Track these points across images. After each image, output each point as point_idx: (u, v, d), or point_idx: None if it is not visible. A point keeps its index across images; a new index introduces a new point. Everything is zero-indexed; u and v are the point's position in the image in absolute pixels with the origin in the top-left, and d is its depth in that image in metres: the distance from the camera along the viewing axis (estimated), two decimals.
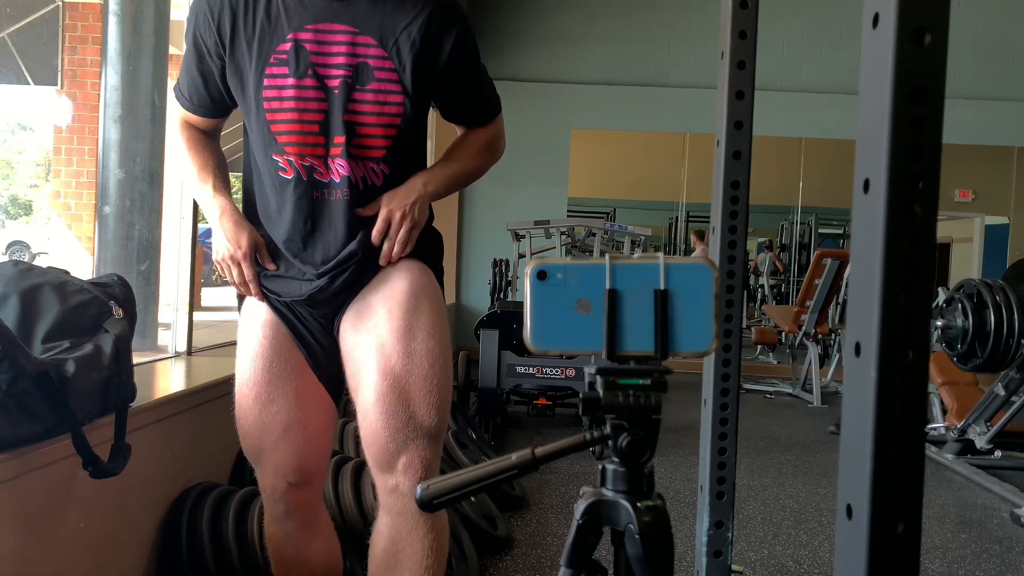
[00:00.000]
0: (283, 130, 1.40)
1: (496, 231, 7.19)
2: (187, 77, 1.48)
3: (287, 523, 1.52)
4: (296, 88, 1.38)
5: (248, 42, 1.39)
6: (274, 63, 1.38)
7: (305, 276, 1.44)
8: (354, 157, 1.41)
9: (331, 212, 1.42)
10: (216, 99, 1.49)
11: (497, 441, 4.12)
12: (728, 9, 1.27)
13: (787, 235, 9.28)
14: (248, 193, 1.50)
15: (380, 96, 1.40)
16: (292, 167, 1.41)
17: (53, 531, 1.45)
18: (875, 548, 0.53)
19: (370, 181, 1.43)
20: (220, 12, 1.40)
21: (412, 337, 1.41)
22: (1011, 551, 2.93)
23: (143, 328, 2.34)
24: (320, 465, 1.53)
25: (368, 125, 1.41)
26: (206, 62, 1.44)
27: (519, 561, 2.56)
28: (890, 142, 0.52)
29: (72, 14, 6.41)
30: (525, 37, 7.83)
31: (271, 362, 1.45)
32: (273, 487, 1.48)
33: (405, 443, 1.39)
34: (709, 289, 0.74)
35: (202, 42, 1.42)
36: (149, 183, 2.41)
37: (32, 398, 1.27)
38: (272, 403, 1.45)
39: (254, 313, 1.49)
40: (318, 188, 1.42)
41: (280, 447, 1.46)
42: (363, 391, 1.42)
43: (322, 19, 1.39)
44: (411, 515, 1.41)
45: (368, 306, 1.44)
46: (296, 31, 1.38)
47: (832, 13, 7.51)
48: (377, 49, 1.39)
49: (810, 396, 6.01)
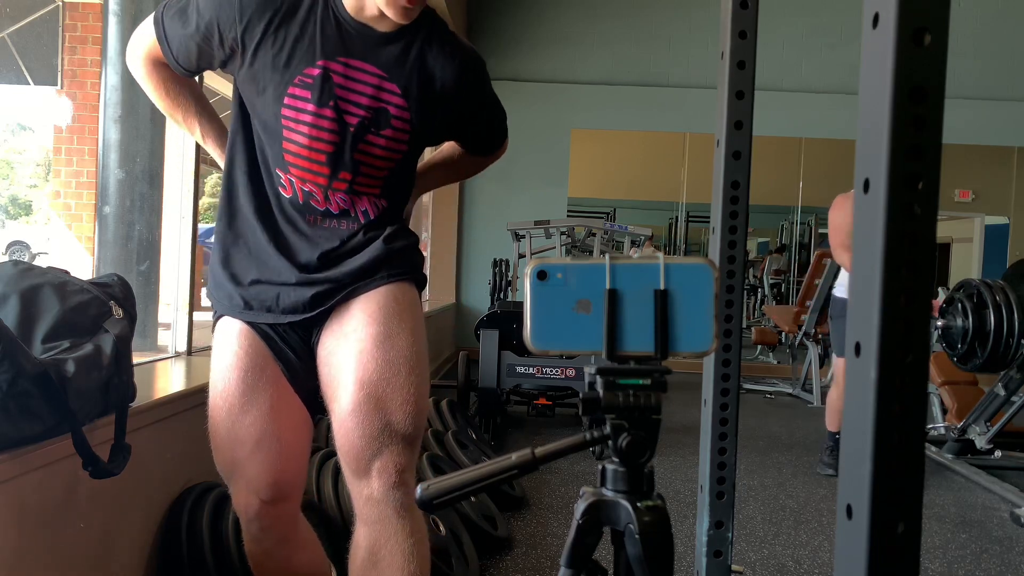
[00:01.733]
0: (292, 151, 1.39)
1: (496, 231, 7.19)
2: (182, 40, 1.41)
3: (265, 541, 1.48)
4: (314, 116, 1.37)
5: (275, 55, 1.36)
6: (298, 84, 1.37)
7: (281, 278, 1.42)
8: (358, 193, 1.43)
9: (322, 234, 1.43)
10: (202, 67, 1.47)
11: (497, 441, 4.12)
12: (728, 9, 1.27)
13: (787, 235, 9.28)
14: (230, 184, 1.47)
15: (391, 144, 1.42)
16: (292, 188, 1.42)
17: (53, 531, 1.45)
18: (875, 548, 0.53)
19: (370, 215, 1.45)
20: (251, 17, 1.36)
21: (391, 345, 1.40)
22: (1011, 551, 2.93)
23: (143, 328, 2.34)
24: (296, 482, 1.49)
25: (374, 167, 1.43)
26: (212, 44, 1.39)
27: (519, 561, 2.56)
28: (890, 142, 0.52)
29: (72, 14, 6.41)
30: (525, 37, 7.83)
31: (246, 372, 1.42)
32: (247, 505, 1.44)
33: (380, 449, 1.37)
34: (709, 289, 0.74)
35: (217, 30, 1.37)
36: (149, 183, 2.41)
37: (32, 398, 1.27)
38: (246, 414, 1.41)
39: (230, 325, 1.46)
40: (312, 213, 1.42)
41: (253, 460, 1.41)
42: (340, 398, 1.40)
43: (356, 55, 1.38)
44: (388, 522, 1.38)
45: (347, 312, 1.43)
46: (327, 60, 1.36)
47: (832, 13, 7.51)
48: (400, 99, 1.40)
49: (810, 396, 6.01)
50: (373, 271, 1.43)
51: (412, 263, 1.51)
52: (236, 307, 1.44)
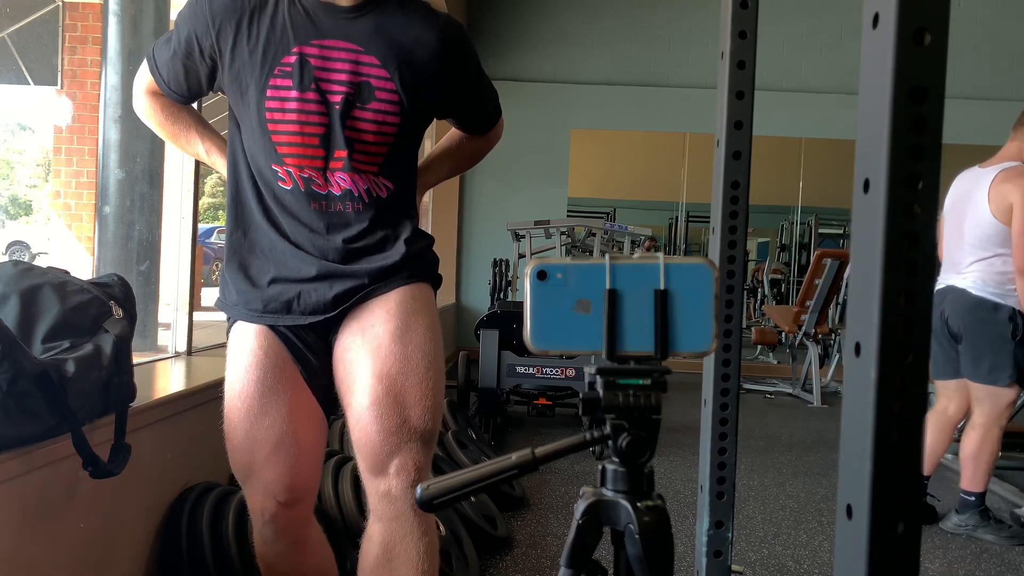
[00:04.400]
0: (283, 141, 1.40)
1: (496, 231, 7.19)
2: (169, 65, 1.46)
3: (279, 543, 1.47)
4: (299, 101, 1.38)
5: (251, 52, 1.39)
6: (278, 75, 1.38)
7: (301, 274, 1.42)
8: (357, 171, 1.42)
9: (331, 222, 1.42)
10: (193, 90, 1.49)
11: (497, 441, 4.12)
12: (728, 9, 1.27)
13: (787, 235, 9.28)
14: (235, 191, 1.49)
15: (379, 116, 1.41)
16: (291, 178, 1.41)
17: (53, 531, 1.45)
18: (875, 548, 0.53)
19: (375, 193, 1.44)
20: (222, 21, 1.39)
21: (409, 339, 1.40)
22: (1011, 551, 2.93)
23: (143, 328, 2.34)
24: (311, 483, 1.49)
25: (367, 143, 1.42)
26: (194, 59, 1.43)
27: (519, 561, 2.56)
28: (890, 142, 0.52)
29: (72, 14, 6.41)
30: (525, 37, 7.83)
31: (265, 374, 1.41)
32: (263, 508, 1.43)
33: (398, 446, 1.38)
34: (709, 289, 0.74)
35: (196, 43, 1.41)
36: (149, 183, 2.41)
37: (32, 398, 1.27)
38: (265, 417, 1.40)
39: (246, 327, 1.45)
40: (316, 199, 1.42)
41: (271, 464, 1.41)
42: (357, 393, 1.40)
43: (328, 35, 1.39)
44: (405, 520, 1.39)
45: (366, 309, 1.43)
46: (302, 45, 1.38)
47: (832, 13, 7.51)
48: (380, 70, 1.40)
49: (810, 396, 6.01)
50: (394, 272, 1.43)
51: (429, 264, 1.52)
52: (254, 312, 1.43)
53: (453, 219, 7.84)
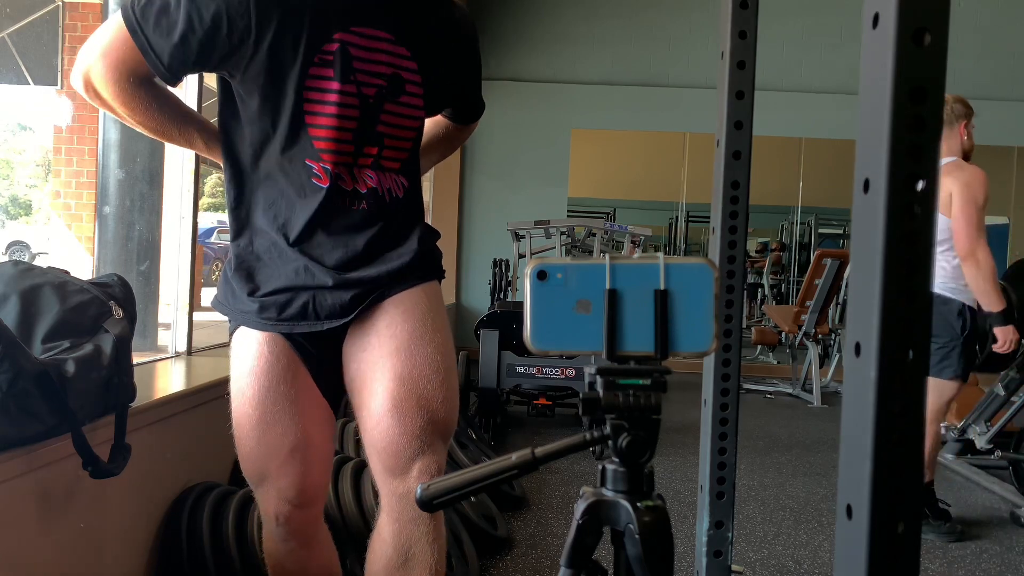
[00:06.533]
0: (321, 135, 1.32)
1: (496, 231, 7.19)
2: (179, 48, 1.26)
3: (289, 542, 1.46)
4: (339, 94, 1.30)
5: (294, 37, 1.26)
6: (318, 63, 1.29)
7: (316, 281, 1.35)
8: (383, 168, 1.38)
9: (351, 221, 1.36)
10: (188, 73, 1.35)
11: (497, 441, 4.12)
12: (728, 9, 1.27)
13: (787, 235, 9.28)
14: (239, 194, 1.40)
15: (409, 111, 1.38)
16: (328, 175, 1.33)
17: (53, 531, 1.45)
18: (875, 548, 0.53)
19: (395, 193, 1.41)
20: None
21: (428, 341, 1.37)
22: (1011, 551, 2.93)
23: (143, 328, 2.34)
24: (323, 484, 1.47)
25: (395, 138, 1.38)
26: (218, 40, 1.25)
27: (519, 561, 2.56)
28: (890, 142, 0.52)
29: (72, 14, 6.40)
30: (525, 37, 7.83)
31: (276, 380, 1.36)
32: (277, 512, 1.41)
33: (422, 449, 1.35)
34: (709, 289, 0.74)
35: (226, 20, 1.24)
36: (149, 183, 2.41)
37: (32, 398, 1.27)
38: (277, 424, 1.37)
39: (250, 331, 1.39)
40: (341, 196, 1.35)
41: (285, 470, 1.38)
42: (377, 395, 1.36)
43: (364, 22, 1.31)
44: (423, 521, 1.37)
45: (380, 309, 1.39)
46: (342, 32, 1.29)
47: (832, 13, 7.51)
48: (411, 62, 1.37)
49: (810, 396, 6.01)
50: (408, 272, 1.40)
51: (438, 260, 1.50)
52: (268, 320, 1.37)
53: (453, 219, 7.84)
